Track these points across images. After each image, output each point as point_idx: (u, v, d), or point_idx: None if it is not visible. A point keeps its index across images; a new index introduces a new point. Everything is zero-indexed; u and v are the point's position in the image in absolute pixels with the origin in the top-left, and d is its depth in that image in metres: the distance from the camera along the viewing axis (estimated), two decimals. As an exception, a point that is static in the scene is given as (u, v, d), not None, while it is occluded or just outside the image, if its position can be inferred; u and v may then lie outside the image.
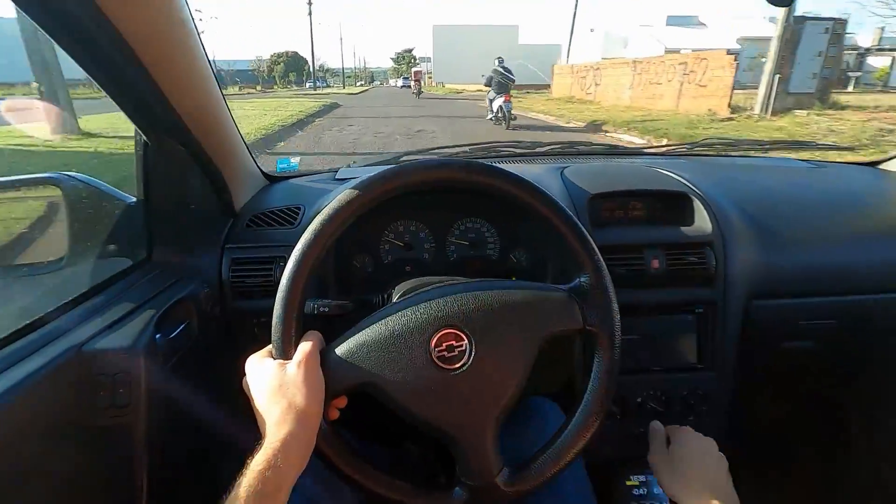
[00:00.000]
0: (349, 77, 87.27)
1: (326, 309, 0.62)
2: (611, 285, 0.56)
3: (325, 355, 0.51)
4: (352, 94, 31.58)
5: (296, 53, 68.90)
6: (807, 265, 0.89)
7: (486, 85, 9.62)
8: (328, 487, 0.59)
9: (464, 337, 0.51)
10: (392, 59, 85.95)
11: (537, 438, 0.57)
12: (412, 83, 24.04)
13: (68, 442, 0.58)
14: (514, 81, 9.16)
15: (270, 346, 0.52)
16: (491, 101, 9.44)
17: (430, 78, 52.32)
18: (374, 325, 0.52)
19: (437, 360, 0.51)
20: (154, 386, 0.63)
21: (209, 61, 0.71)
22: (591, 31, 36.48)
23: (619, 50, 31.63)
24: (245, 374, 0.52)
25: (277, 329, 0.51)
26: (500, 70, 9.05)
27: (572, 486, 0.66)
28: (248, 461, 0.43)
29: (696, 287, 0.85)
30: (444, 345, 0.51)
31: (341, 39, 60.12)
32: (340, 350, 0.52)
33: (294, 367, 0.49)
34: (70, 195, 0.85)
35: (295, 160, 1.12)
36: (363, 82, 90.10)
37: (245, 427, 0.51)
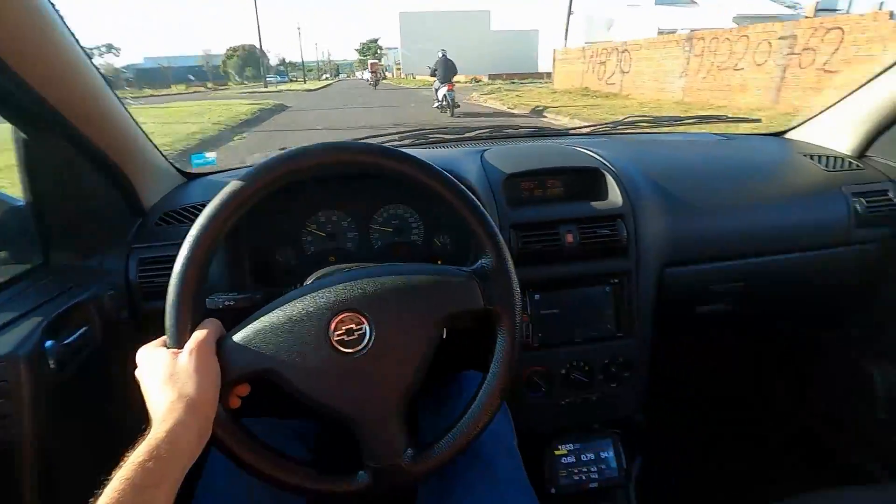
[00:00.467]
0: (311, 70, 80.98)
1: (232, 302, 0.60)
2: (511, 266, 0.55)
3: (221, 343, 0.50)
4: (310, 90, 26.86)
5: (253, 47, 62.36)
6: (713, 232, 0.91)
7: (431, 75, 10.23)
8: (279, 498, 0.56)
9: (363, 320, 0.51)
10: (357, 50, 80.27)
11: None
12: (371, 75, 25.68)
13: None
14: (456, 72, 9.75)
15: (165, 336, 0.50)
16: (436, 90, 9.90)
17: (398, 69, 47.65)
18: (273, 312, 0.51)
19: (336, 344, 0.50)
20: (43, 394, 0.60)
21: (84, 50, 0.66)
22: (571, 13, 32.20)
23: (602, 33, 28.01)
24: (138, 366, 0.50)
25: (170, 317, 0.49)
26: (444, 61, 9.58)
27: (503, 460, 0.65)
28: (128, 453, 0.39)
29: (611, 258, 0.86)
30: (344, 328, 0.50)
31: (299, 30, 54.35)
32: (238, 337, 0.50)
33: (186, 356, 0.47)
34: None
35: (211, 155, 1.05)
36: (329, 76, 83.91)
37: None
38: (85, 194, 0.77)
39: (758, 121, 1.48)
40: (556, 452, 0.93)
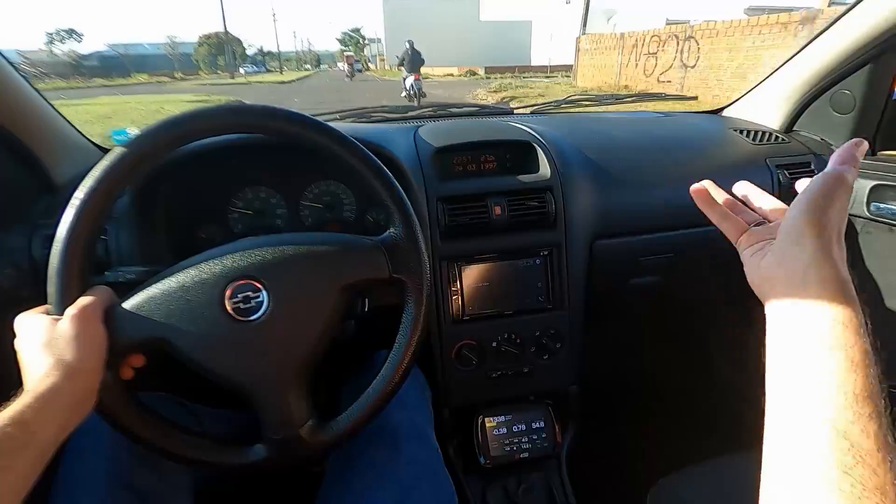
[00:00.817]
0: (288, 61, 77.66)
1: (133, 276, 0.58)
2: (419, 236, 0.56)
3: (110, 310, 0.49)
4: (284, 82, 24.45)
5: (227, 34, 58.93)
6: (643, 204, 0.93)
7: (398, 65, 10.92)
8: (151, 467, 0.56)
9: (260, 287, 0.50)
10: (339, 40, 77.45)
11: None
12: (347, 67, 27.32)
13: None
14: (423, 62, 10.37)
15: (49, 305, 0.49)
16: (404, 79, 10.55)
17: (382, 60, 45.40)
18: (166, 280, 0.50)
19: (232, 312, 0.49)
20: None
21: None
22: (568, 2, 30.16)
23: (601, 24, 26.20)
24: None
25: (52, 283, 0.48)
26: (411, 52, 10.18)
27: (414, 439, 0.65)
28: None
29: (540, 231, 0.87)
30: (241, 296, 0.49)
31: (273, 15, 51.21)
32: (128, 305, 0.49)
33: (66, 322, 0.45)
34: None
35: (133, 131, 0.95)
36: (309, 66, 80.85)
37: None
38: None
39: (694, 98, 1.59)
40: (488, 424, 0.95)
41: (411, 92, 10.17)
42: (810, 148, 1.05)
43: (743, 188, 0.50)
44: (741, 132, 1.08)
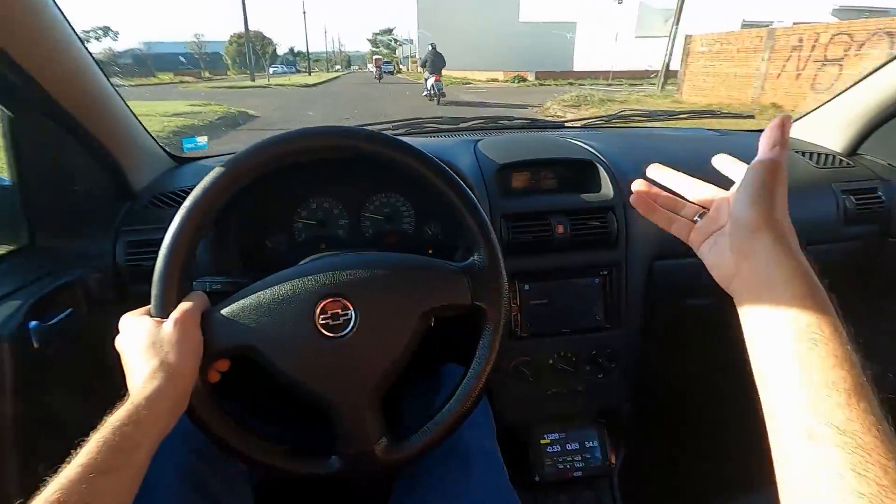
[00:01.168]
0: (318, 61, 77.88)
1: (219, 287, 0.60)
2: (502, 266, 0.58)
3: (207, 316, 0.52)
4: (309, 84, 23.07)
5: (258, 34, 59.24)
6: None
7: (421, 66, 12.45)
8: (216, 470, 0.60)
9: (350, 306, 0.53)
10: (369, 41, 77.22)
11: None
12: (375, 69, 27.57)
13: None
14: (444, 64, 11.01)
15: (150, 306, 0.52)
16: (426, 80, 11.38)
17: (414, 62, 44.19)
18: (261, 291, 0.53)
19: (320, 327, 0.52)
20: (26, 373, 0.64)
21: (74, 30, 0.69)
22: (620, 2, 27.85)
23: (658, 27, 23.78)
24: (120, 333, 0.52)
25: (157, 286, 0.51)
26: (433, 54, 10.84)
27: (481, 455, 0.67)
28: (107, 418, 0.41)
29: (601, 250, 0.90)
30: (330, 312, 0.52)
31: (304, 14, 50.56)
32: (224, 312, 0.52)
33: (170, 325, 0.49)
34: None
35: (202, 139, 1.10)
36: (340, 67, 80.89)
37: None
38: (72, 176, 0.80)
39: (751, 116, 1.55)
40: (542, 441, 0.97)
41: (432, 92, 11.06)
42: (876, 172, 1.07)
43: (669, 177, 0.50)
44: (803, 154, 1.10)
